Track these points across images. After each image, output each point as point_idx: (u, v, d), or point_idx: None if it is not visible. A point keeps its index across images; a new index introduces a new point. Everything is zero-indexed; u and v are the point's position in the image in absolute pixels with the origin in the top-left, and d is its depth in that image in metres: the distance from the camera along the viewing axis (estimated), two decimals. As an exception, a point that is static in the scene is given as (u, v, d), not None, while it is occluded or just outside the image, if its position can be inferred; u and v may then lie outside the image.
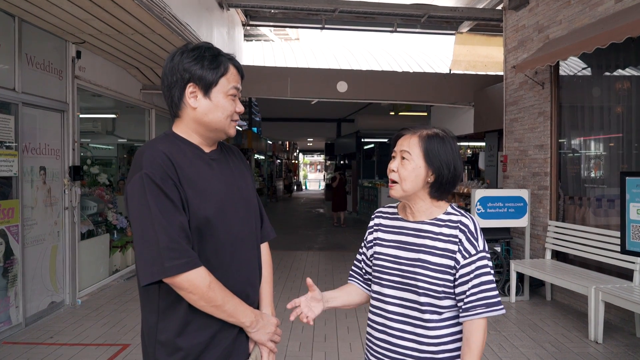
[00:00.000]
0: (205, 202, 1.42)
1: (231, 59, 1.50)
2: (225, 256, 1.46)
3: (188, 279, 1.32)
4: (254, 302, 1.56)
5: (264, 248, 1.71)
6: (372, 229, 1.72)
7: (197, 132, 1.50)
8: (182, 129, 1.50)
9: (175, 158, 1.39)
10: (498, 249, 5.81)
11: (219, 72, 1.45)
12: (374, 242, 1.68)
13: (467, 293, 1.47)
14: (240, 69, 1.53)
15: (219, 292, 1.38)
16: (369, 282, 1.76)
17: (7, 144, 4.37)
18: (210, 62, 1.44)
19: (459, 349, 1.53)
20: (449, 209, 1.56)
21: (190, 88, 1.44)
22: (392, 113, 13.51)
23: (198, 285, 1.34)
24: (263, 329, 1.51)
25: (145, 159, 1.37)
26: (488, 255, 1.52)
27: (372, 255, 1.68)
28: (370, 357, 1.64)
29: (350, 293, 1.79)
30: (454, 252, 1.48)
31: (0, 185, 4.31)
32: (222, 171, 1.53)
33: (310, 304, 1.65)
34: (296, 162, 35.72)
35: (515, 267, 5.55)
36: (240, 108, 1.52)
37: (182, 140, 1.49)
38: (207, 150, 1.52)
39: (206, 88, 1.44)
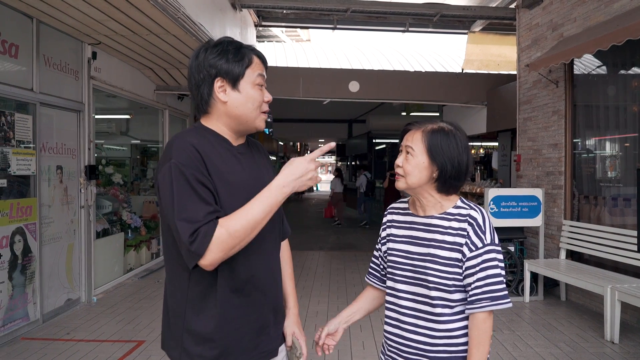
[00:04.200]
0: (232, 194, 1.42)
1: (253, 50, 1.51)
2: (250, 249, 1.45)
3: (213, 253, 1.29)
4: (277, 295, 1.58)
5: (284, 245, 1.73)
6: (385, 226, 1.73)
7: (227, 125, 1.51)
8: (212, 122, 1.51)
9: (203, 150, 1.40)
10: (512, 248, 5.76)
11: (244, 64, 1.47)
12: (387, 238, 1.69)
13: (472, 286, 1.48)
14: (263, 57, 1.54)
15: (239, 224, 1.33)
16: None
17: (26, 144, 4.45)
18: (234, 55, 1.46)
19: None
20: (459, 203, 1.57)
21: (218, 83, 1.45)
22: (404, 113, 13.47)
23: (225, 246, 1.30)
24: (296, 178, 1.38)
25: (174, 149, 1.38)
26: (497, 249, 1.51)
27: (385, 252, 1.69)
28: (387, 352, 1.65)
29: (367, 300, 1.80)
30: (461, 245, 1.49)
31: (18, 184, 4.39)
32: (250, 165, 1.54)
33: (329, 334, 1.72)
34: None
35: (529, 266, 5.51)
36: (269, 97, 1.53)
37: (211, 132, 1.50)
38: (235, 143, 1.53)
39: (234, 81, 1.46)
